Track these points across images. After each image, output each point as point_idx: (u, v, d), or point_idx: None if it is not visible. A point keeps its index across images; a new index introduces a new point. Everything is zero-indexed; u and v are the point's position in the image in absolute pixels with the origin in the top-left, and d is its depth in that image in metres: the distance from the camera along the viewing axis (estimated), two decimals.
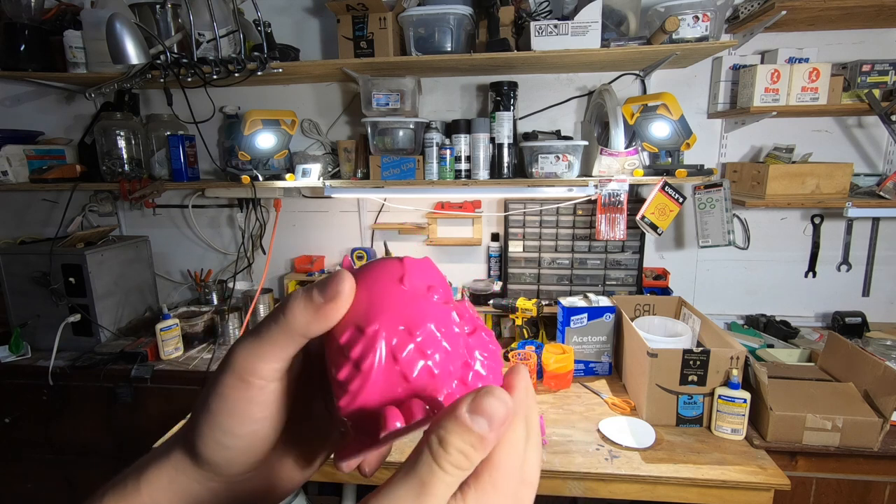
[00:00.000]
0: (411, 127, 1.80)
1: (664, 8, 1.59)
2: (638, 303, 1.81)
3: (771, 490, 1.19)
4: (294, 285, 2.09)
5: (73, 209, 2.13)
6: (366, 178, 1.92)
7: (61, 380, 1.76)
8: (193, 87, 1.88)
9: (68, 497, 1.90)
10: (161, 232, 2.26)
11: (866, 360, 1.38)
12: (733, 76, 1.82)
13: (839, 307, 1.97)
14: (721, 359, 1.35)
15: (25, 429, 1.84)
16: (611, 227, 1.81)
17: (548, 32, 1.59)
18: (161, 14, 1.82)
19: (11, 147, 1.95)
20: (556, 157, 1.75)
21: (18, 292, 1.88)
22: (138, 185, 1.91)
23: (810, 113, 1.78)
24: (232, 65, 1.69)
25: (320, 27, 1.99)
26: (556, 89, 1.95)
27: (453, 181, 1.81)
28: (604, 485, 1.24)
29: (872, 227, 1.91)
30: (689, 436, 1.37)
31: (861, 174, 1.84)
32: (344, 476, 1.34)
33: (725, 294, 2.05)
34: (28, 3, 1.81)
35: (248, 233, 2.17)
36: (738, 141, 1.93)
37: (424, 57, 1.65)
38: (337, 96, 2.06)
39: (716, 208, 1.78)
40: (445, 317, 0.25)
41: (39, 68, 1.85)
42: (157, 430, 1.41)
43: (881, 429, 1.28)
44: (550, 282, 2.00)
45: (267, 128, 1.82)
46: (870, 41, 1.79)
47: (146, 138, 2.02)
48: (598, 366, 1.71)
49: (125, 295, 2.03)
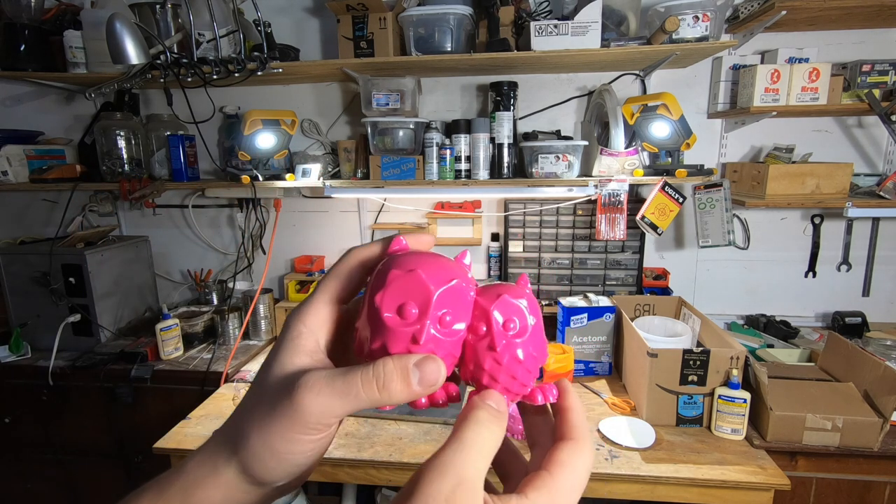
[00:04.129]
0: (411, 127, 1.80)
1: (664, 8, 1.59)
2: (638, 303, 1.81)
3: (771, 490, 1.19)
4: (294, 285, 2.09)
5: (73, 209, 2.13)
6: (366, 178, 1.92)
7: (61, 380, 1.76)
8: (193, 87, 1.88)
9: (68, 497, 1.90)
10: (161, 232, 2.26)
11: (866, 360, 1.38)
12: (733, 76, 1.82)
13: (839, 307, 1.97)
14: (721, 359, 1.35)
15: (25, 429, 1.84)
16: (611, 227, 1.81)
17: (548, 32, 1.59)
18: (161, 14, 1.82)
19: (11, 147, 1.94)
20: (556, 157, 1.75)
21: (18, 292, 1.88)
22: (138, 185, 1.91)
23: (810, 113, 1.78)
24: (232, 65, 1.69)
25: (320, 27, 1.99)
26: (556, 89, 1.95)
27: (453, 181, 1.81)
28: (604, 485, 1.24)
29: (872, 227, 1.91)
30: (689, 436, 1.37)
31: (861, 174, 1.84)
32: (344, 476, 1.34)
33: (725, 294, 2.05)
34: (28, 3, 1.81)
35: (248, 233, 2.16)
36: (738, 141, 1.93)
37: (424, 57, 1.65)
38: (337, 96, 2.06)
39: (716, 208, 1.78)
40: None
41: (39, 68, 1.85)
42: (157, 430, 1.41)
43: (881, 429, 1.28)
44: (550, 282, 2.00)
45: (267, 128, 1.82)
46: (870, 41, 1.79)
47: (146, 138, 2.02)
48: (598, 366, 1.71)
49: (125, 295, 2.03)
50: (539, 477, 0.28)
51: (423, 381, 0.26)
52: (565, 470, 0.28)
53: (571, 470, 0.28)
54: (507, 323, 0.28)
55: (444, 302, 0.27)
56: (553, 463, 0.28)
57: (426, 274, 0.27)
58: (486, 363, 0.28)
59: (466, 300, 0.28)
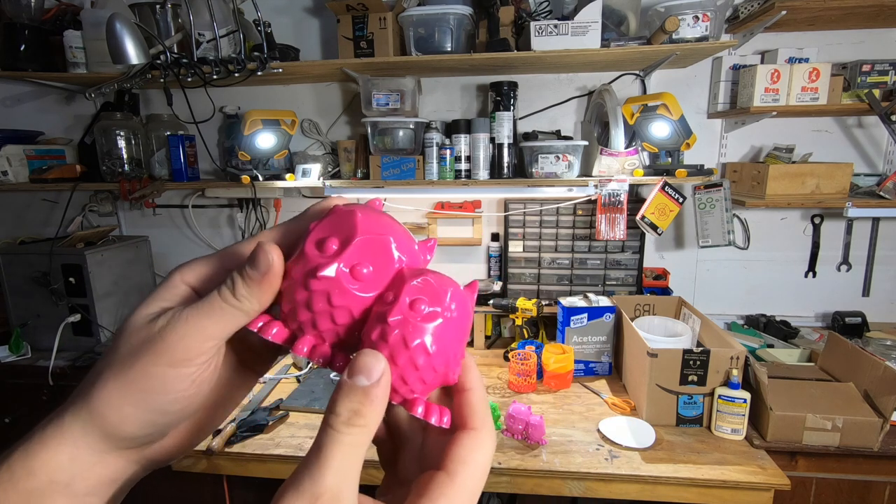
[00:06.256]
0: (411, 127, 1.80)
1: (664, 8, 1.59)
2: (638, 303, 1.81)
3: (771, 490, 1.19)
4: None
5: (73, 209, 2.13)
6: (366, 178, 1.92)
7: (61, 380, 1.76)
8: (193, 87, 1.88)
9: None
10: (161, 232, 2.26)
11: (866, 360, 1.38)
12: (733, 76, 1.82)
13: (839, 307, 1.97)
14: (721, 359, 1.35)
15: (25, 429, 1.81)
16: (611, 227, 1.81)
17: (548, 32, 1.58)
18: (161, 14, 1.82)
19: (11, 147, 1.94)
20: (556, 157, 1.75)
21: (18, 292, 1.88)
22: (138, 185, 1.91)
23: (810, 113, 1.78)
24: (232, 65, 1.69)
25: (320, 27, 1.99)
26: (556, 89, 1.95)
27: (453, 181, 1.81)
28: (604, 485, 1.24)
29: (872, 227, 1.91)
30: (689, 436, 1.37)
31: (861, 174, 1.84)
32: None
33: (725, 294, 2.05)
34: (28, 3, 1.81)
35: (248, 233, 2.16)
36: (738, 141, 1.93)
37: (424, 57, 1.65)
38: (337, 96, 2.05)
39: (716, 208, 1.78)
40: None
41: (39, 68, 1.85)
42: None
43: (881, 429, 1.28)
44: (550, 282, 2.00)
45: (267, 128, 1.82)
46: (870, 41, 1.79)
47: (146, 138, 2.02)
48: (598, 366, 1.71)
49: (125, 295, 2.03)
50: (436, 480, 0.24)
51: (256, 267, 0.24)
52: (467, 468, 0.25)
53: (474, 468, 0.25)
54: (416, 302, 0.24)
55: (367, 253, 0.25)
56: (452, 461, 0.25)
57: (362, 217, 0.25)
58: (374, 333, 0.24)
59: (391, 264, 0.26)
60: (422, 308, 0.24)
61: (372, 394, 0.22)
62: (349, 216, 0.26)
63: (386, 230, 0.26)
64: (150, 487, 1.82)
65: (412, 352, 0.24)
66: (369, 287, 0.25)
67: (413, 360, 0.24)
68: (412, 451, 0.29)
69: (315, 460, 0.21)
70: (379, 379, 0.22)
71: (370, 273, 0.25)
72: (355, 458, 0.22)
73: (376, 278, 0.25)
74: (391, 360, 0.24)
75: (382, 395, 0.23)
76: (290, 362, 1.84)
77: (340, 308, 0.24)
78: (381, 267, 0.25)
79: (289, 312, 0.25)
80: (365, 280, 0.25)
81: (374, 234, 0.25)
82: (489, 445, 0.26)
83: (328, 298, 0.24)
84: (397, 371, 0.24)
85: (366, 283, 0.25)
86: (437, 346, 0.24)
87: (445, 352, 0.25)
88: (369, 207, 0.27)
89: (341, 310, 0.25)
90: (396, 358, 0.24)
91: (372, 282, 0.25)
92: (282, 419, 1.47)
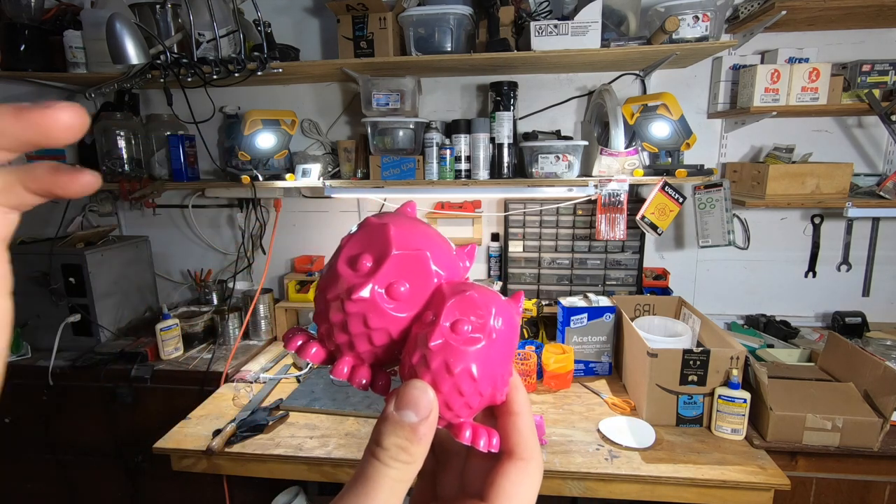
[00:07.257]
0: (411, 127, 1.80)
1: (664, 8, 1.59)
2: (638, 303, 1.81)
3: (771, 490, 1.19)
4: (294, 285, 2.09)
5: (73, 209, 2.13)
6: (366, 178, 1.92)
7: (61, 380, 1.76)
8: (193, 87, 1.88)
9: (68, 497, 1.90)
10: (161, 232, 2.25)
11: (866, 360, 1.38)
12: (733, 76, 1.82)
13: (839, 307, 1.97)
14: (721, 359, 1.35)
15: (25, 429, 1.84)
16: (611, 227, 1.81)
17: (548, 32, 1.59)
18: (161, 14, 1.82)
19: None
20: (556, 157, 1.75)
21: (18, 292, 1.86)
22: (138, 185, 1.91)
23: (810, 113, 1.78)
24: (232, 65, 1.69)
25: (320, 27, 1.99)
26: (556, 89, 1.95)
27: (453, 181, 1.81)
28: (604, 485, 1.24)
29: (872, 227, 1.91)
30: (689, 436, 1.37)
31: (861, 174, 1.84)
32: (345, 476, 1.34)
33: (725, 294, 2.05)
34: (28, 3, 1.81)
35: (248, 233, 2.16)
36: (738, 141, 1.93)
37: (424, 57, 1.65)
38: (337, 96, 2.05)
39: (716, 208, 1.78)
40: None
41: (39, 68, 1.85)
42: (156, 429, 1.41)
43: (881, 429, 1.28)
44: (550, 282, 2.00)
45: (267, 128, 1.83)
46: (870, 41, 1.79)
47: (146, 138, 2.02)
48: (598, 366, 1.71)
49: (125, 295, 2.03)
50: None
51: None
52: (511, 502, 0.23)
53: (518, 502, 0.24)
54: (458, 323, 0.23)
55: (403, 270, 0.23)
56: (498, 494, 0.23)
57: (395, 231, 0.24)
58: (414, 357, 0.23)
59: (429, 280, 0.24)
60: (464, 329, 0.23)
61: (420, 431, 0.21)
62: (382, 230, 0.24)
63: (422, 242, 0.25)
64: (150, 487, 1.82)
65: (456, 378, 0.23)
66: (407, 306, 0.24)
67: (458, 387, 0.23)
68: (454, 471, 0.27)
69: (363, 491, 0.21)
70: (427, 416, 0.21)
71: (407, 291, 0.24)
72: (401, 492, 0.21)
73: (414, 296, 0.24)
74: (434, 386, 0.23)
75: (430, 432, 0.22)
76: (290, 362, 1.83)
77: (378, 330, 0.23)
78: (418, 283, 0.24)
79: (325, 333, 0.24)
80: (402, 299, 0.24)
81: (410, 250, 0.24)
82: (537, 479, 0.25)
83: (364, 321, 0.23)
84: (442, 398, 0.23)
85: (403, 303, 0.24)
86: (482, 370, 0.23)
87: (492, 374, 0.24)
88: (402, 215, 0.26)
89: (379, 332, 0.24)
90: (440, 385, 0.23)
91: (410, 300, 0.24)
92: (282, 419, 1.47)
